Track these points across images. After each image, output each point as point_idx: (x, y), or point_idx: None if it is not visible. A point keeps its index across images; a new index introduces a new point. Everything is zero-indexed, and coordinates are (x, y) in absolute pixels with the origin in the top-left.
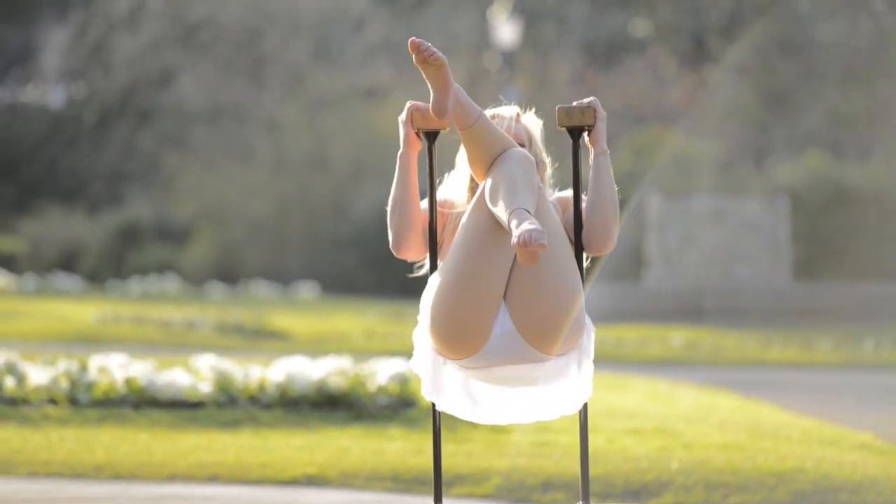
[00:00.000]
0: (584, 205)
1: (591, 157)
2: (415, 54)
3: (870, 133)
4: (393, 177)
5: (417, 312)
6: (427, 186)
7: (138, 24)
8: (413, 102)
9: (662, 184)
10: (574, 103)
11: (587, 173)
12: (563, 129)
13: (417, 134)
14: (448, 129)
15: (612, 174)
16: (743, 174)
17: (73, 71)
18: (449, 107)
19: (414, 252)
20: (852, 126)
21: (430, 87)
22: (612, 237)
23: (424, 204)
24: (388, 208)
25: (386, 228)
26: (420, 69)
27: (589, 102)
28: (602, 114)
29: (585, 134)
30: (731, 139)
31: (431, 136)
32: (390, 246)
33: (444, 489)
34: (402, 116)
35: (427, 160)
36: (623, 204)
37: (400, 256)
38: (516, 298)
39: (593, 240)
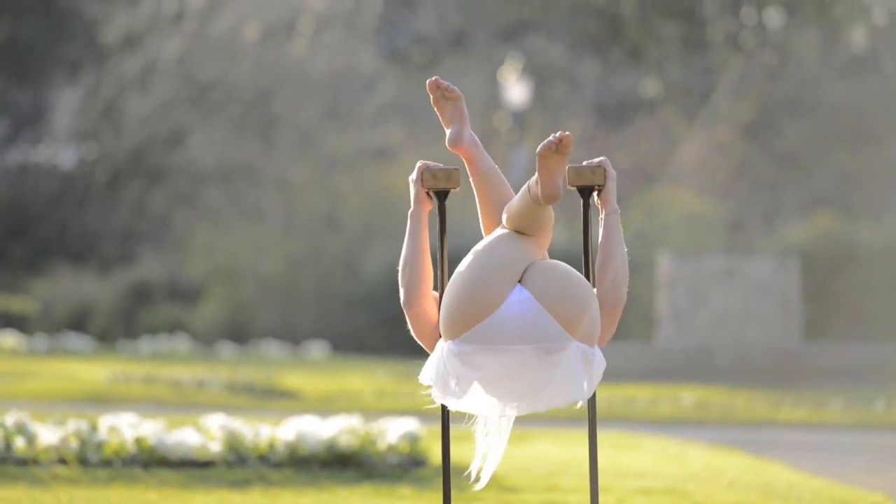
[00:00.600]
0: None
1: (602, 216)
2: (433, 94)
3: (880, 193)
4: (404, 236)
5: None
6: (438, 245)
7: (149, 85)
8: (423, 162)
9: (672, 243)
10: (584, 163)
11: (597, 233)
12: (574, 188)
13: (428, 193)
14: (458, 189)
15: (622, 234)
16: (753, 234)
17: (84, 131)
18: (466, 137)
19: (426, 310)
20: (862, 186)
21: (445, 123)
22: (622, 296)
23: None
24: (400, 266)
25: (397, 287)
26: (437, 108)
27: (599, 162)
28: (612, 173)
29: (595, 194)
30: (741, 199)
31: (442, 195)
32: (402, 303)
33: None
34: (413, 176)
35: (438, 219)
36: (634, 263)
37: (410, 314)
38: (535, 277)
39: (603, 298)
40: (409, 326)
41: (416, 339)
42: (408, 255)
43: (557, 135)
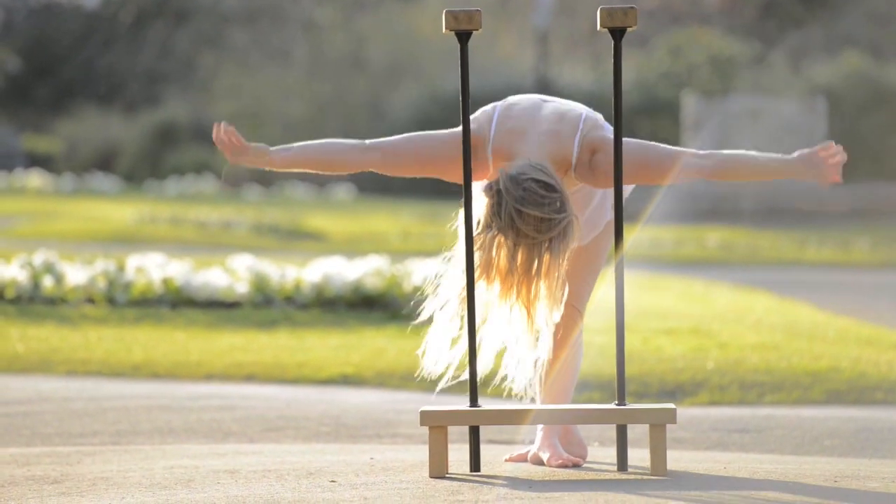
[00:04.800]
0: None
1: None
2: None
3: None
4: (430, 77)
5: (453, 214)
6: (460, 87)
7: None
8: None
9: (699, 84)
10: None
11: (628, 75)
12: (605, 29)
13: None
14: (480, 31)
15: None
16: (780, 74)
17: None
18: None
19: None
20: (891, 26)
21: None
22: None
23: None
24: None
25: (422, 128)
26: None
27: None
28: None
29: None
30: (768, 39)
31: (464, 36)
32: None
33: (478, 389)
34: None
35: (459, 62)
36: (660, 104)
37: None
38: None
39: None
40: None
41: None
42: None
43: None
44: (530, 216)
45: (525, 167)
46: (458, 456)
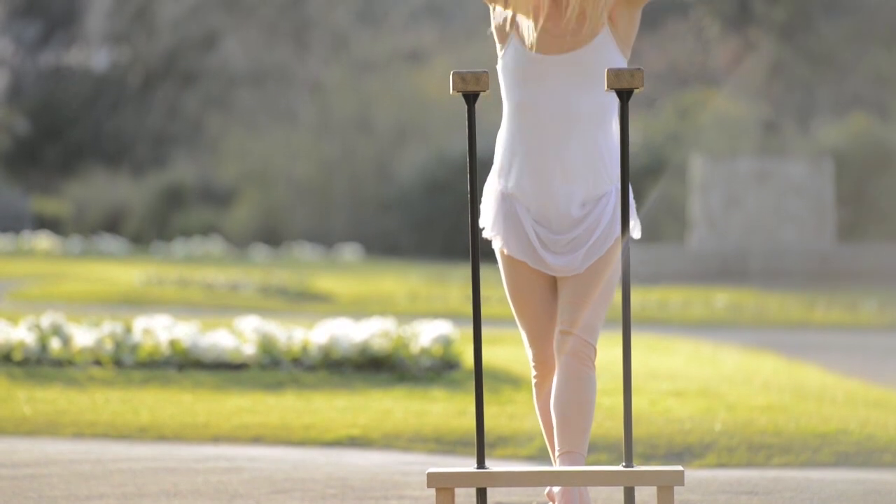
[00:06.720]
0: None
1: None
2: None
3: None
4: (436, 137)
5: (460, 275)
6: (467, 149)
7: None
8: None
9: (706, 146)
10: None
11: (635, 136)
12: (612, 91)
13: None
14: (488, 91)
15: None
16: (787, 136)
17: (116, 34)
18: None
19: None
20: None
21: None
22: None
23: None
24: None
25: (429, 190)
26: None
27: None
28: None
29: None
30: (776, 101)
31: (471, 98)
32: None
33: (486, 451)
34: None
35: (467, 123)
36: (666, 166)
37: None
38: None
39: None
40: None
41: None
42: None
43: None
44: None
45: None
46: None
